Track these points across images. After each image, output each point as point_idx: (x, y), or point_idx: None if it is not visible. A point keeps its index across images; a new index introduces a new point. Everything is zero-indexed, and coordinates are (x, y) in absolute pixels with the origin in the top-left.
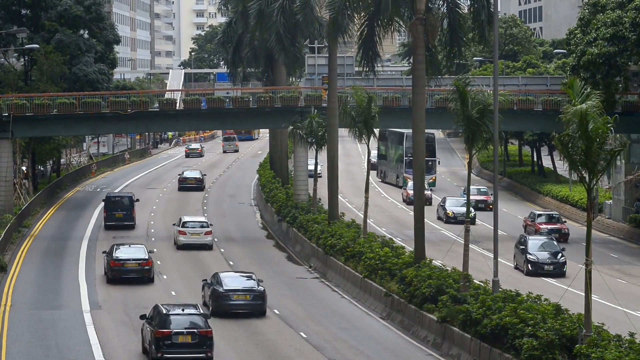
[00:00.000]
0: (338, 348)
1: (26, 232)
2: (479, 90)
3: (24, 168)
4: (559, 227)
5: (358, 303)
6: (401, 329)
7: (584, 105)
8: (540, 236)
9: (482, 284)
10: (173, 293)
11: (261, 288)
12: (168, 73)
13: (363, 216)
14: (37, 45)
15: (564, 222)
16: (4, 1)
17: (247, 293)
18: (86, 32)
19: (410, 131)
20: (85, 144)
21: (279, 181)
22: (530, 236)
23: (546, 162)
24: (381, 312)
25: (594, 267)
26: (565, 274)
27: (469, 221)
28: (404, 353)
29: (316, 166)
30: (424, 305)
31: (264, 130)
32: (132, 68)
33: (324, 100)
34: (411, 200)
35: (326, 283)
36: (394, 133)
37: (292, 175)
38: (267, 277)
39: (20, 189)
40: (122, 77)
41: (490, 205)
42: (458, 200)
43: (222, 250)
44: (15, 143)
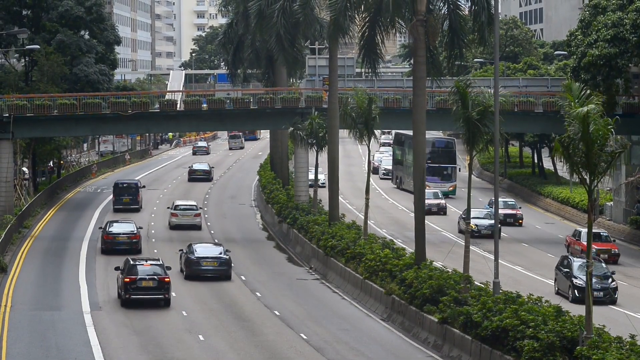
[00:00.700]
0: (338, 349)
1: (26, 233)
2: (479, 92)
3: (24, 169)
4: (607, 247)
5: (358, 304)
6: (402, 331)
7: (584, 108)
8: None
9: (483, 286)
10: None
11: (227, 256)
12: (169, 74)
13: (364, 217)
14: (38, 46)
15: (613, 241)
16: (5, 2)
17: (215, 260)
18: (87, 33)
19: (431, 135)
20: (86, 145)
21: (279, 182)
22: (576, 258)
23: (547, 164)
24: (382, 314)
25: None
26: (616, 301)
27: (469, 223)
28: (405, 354)
29: (316, 174)
30: (424, 307)
31: (264, 130)
32: (133, 69)
33: (324, 102)
34: (429, 210)
35: (326, 284)
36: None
37: (293, 176)
38: (268, 278)
39: (20, 189)
40: (123, 78)
41: (520, 220)
42: (481, 212)
43: None
44: (15, 144)
